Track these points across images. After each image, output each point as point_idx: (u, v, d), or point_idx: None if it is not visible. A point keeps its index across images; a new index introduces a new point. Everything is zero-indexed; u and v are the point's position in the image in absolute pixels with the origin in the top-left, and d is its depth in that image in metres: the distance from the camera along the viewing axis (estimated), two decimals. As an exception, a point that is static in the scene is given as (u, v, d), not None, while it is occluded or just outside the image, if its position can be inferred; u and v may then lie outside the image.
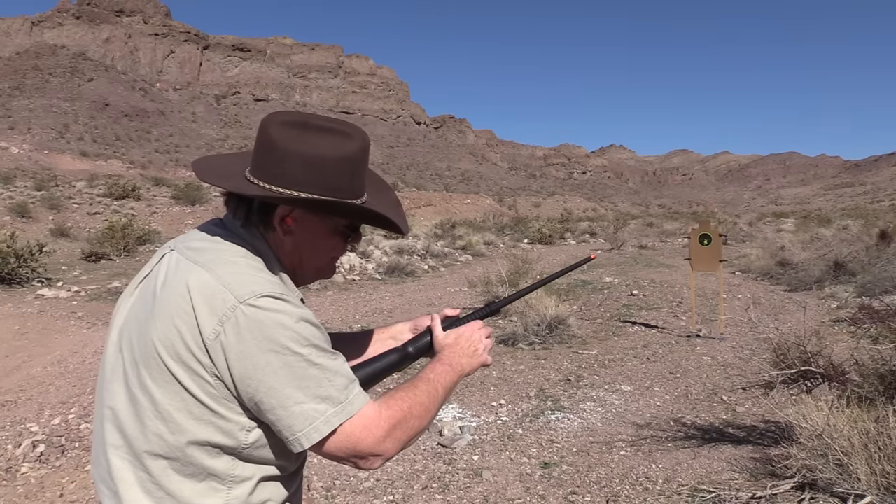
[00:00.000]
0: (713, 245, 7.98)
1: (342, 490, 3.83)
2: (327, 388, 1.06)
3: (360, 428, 1.08)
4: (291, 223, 1.16)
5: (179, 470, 1.07)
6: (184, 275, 1.09)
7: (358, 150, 1.16)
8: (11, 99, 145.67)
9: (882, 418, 3.14)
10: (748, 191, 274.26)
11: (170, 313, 1.06)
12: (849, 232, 21.14)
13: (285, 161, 1.12)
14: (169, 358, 1.05)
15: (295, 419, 1.04)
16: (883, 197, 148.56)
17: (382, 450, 1.09)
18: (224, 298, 1.04)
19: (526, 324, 7.68)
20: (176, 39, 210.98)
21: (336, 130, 1.15)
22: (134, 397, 1.08)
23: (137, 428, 1.08)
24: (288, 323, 1.04)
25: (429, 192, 57.76)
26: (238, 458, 1.09)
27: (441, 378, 1.23)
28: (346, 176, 1.15)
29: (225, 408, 1.06)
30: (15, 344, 7.67)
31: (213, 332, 1.03)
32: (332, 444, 1.07)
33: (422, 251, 18.71)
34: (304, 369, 1.04)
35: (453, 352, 1.32)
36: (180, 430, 1.06)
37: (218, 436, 1.07)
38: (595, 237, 33.80)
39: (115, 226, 17.02)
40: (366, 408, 1.09)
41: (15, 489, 3.91)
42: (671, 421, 4.99)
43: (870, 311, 4.13)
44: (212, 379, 1.05)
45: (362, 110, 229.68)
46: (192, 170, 1.23)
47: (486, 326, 1.40)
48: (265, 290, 1.06)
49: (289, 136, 1.12)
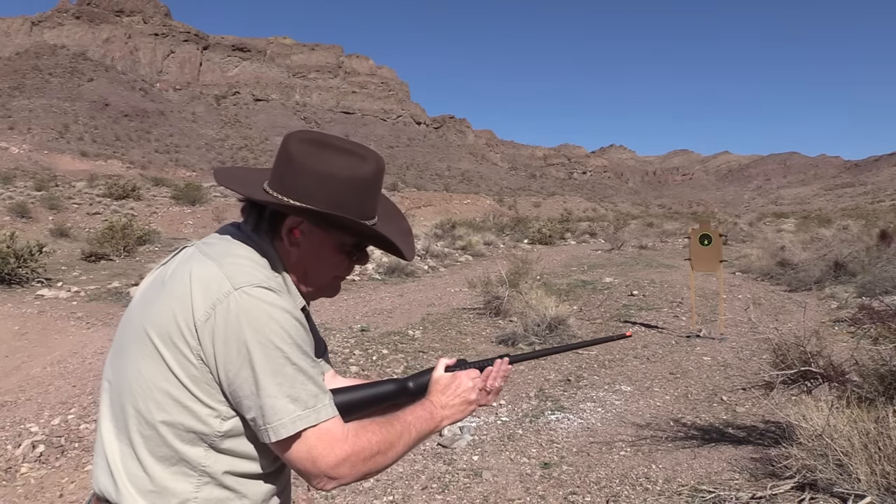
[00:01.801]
0: (713, 245, 7.98)
1: (342, 490, 3.83)
2: (299, 390, 1.07)
3: (323, 443, 1.08)
4: (299, 235, 1.19)
5: (153, 450, 1.10)
6: (191, 264, 1.14)
7: (371, 172, 1.20)
8: (11, 99, 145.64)
9: (882, 418, 3.14)
10: (748, 191, 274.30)
11: (170, 297, 1.11)
12: (849, 232, 21.16)
13: (300, 175, 1.16)
14: (157, 336, 1.09)
15: (266, 410, 1.06)
16: (883, 197, 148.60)
17: (338, 473, 1.09)
18: (221, 284, 1.08)
19: (526, 324, 7.68)
20: (176, 39, 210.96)
21: (352, 152, 1.20)
22: (125, 371, 1.13)
23: (124, 401, 1.12)
24: (276, 316, 1.07)
25: (429, 192, 57.74)
26: (212, 447, 1.11)
27: (418, 424, 1.23)
28: (357, 196, 1.19)
29: (205, 392, 1.08)
30: (15, 344, 7.66)
31: (204, 315, 1.06)
32: (294, 449, 1.08)
33: (422, 251, 18.71)
34: (282, 365, 1.06)
35: (440, 397, 1.31)
36: (158, 407, 1.08)
37: (192, 420, 1.09)
38: (595, 237, 33.82)
39: (114, 226, 17.01)
40: (334, 426, 1.10)
41: (15, 489, 3.91)
42: (671, 421, 4.99)
43: (870, 311, 4.12)
44: (196, 361, 1.07)
45: (362, 110, 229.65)
46: (213, 176, 1.28)
47: (488, 377, 1.38)
48: (262, 281, 1.09)
49: (307, 152, 1.17)
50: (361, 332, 8.39)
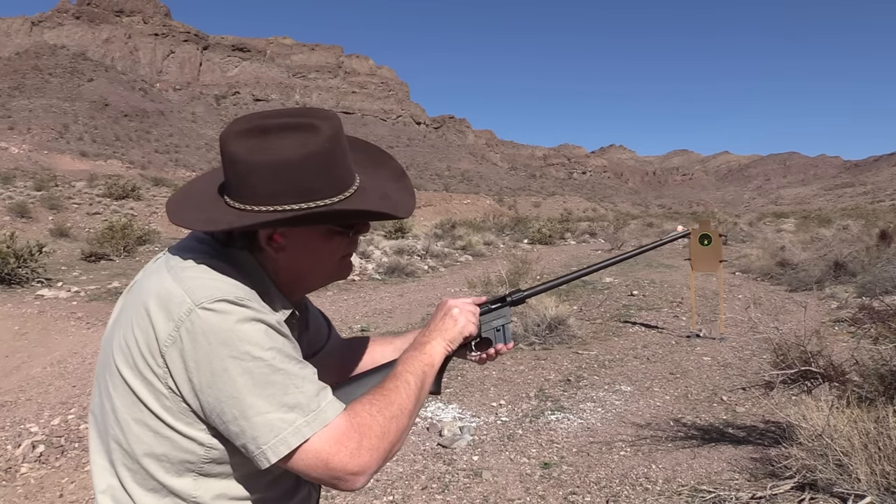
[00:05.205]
0: (713, 245, 7.98)
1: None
2: (295, 395, 0.96)
3: (330, 442, 0.96)
4: (280, 240, 1.07)
5: (141, 483, 1.02)
6: (151, 279, 1.04)
7: (326, 140, 1.03)
8: (11, 99, 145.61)
9: (882, 418, 3.14)
10: (748, 191, 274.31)
11: (129, 319, 1.01)
12: (849, 232, 21.14)
13: (251, 175, 1.01)
14: (125, 366, 1.00)
15: (259, 430, 0.94)
16: (883, 197, 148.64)
17: (361, 464, 0.97)
18: (181, 302, 0.96)
19: (526, 324, 7.67)
20: (176, 39, 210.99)
21: (298, 126, 1.02)
22: (102, 404, 1.05)
23: (107, 435, 1.05)
24: (246, 327, 0.96)
25: (429, 192, 57.75)
26: (201, 474, 1.02)
27: (410, 367, 1.12)
28: (322, 172, 1.03)
29: (182, 423, 0.99)
30: (15, 344, 7.66)
31: (169, 339, 0.96)
32: (303, 460, 0.96)
33: (422, 251, 18.71)
34: (267, 375, 0.95)
35: (427, 330, 1.21)
36: (137, 440, 1.00)
37: (174, 451, 1.00)
38: (595, 237, 33.81)
39: (114, 226, 17.01)
40: (339, 418, 0.98)
41: (14, 489, 3.91)
42: (671, 421, 4.99)
43: (870, 311, 4.12)
44: (167, 391, 0.97)
45: (362, 110, 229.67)
46: (168, 216, 1.11)
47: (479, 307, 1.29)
48: (225, 294, 0.97)
49: (248, 147, 1.01)
50: (361, 332, 8.39)
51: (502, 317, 1.35)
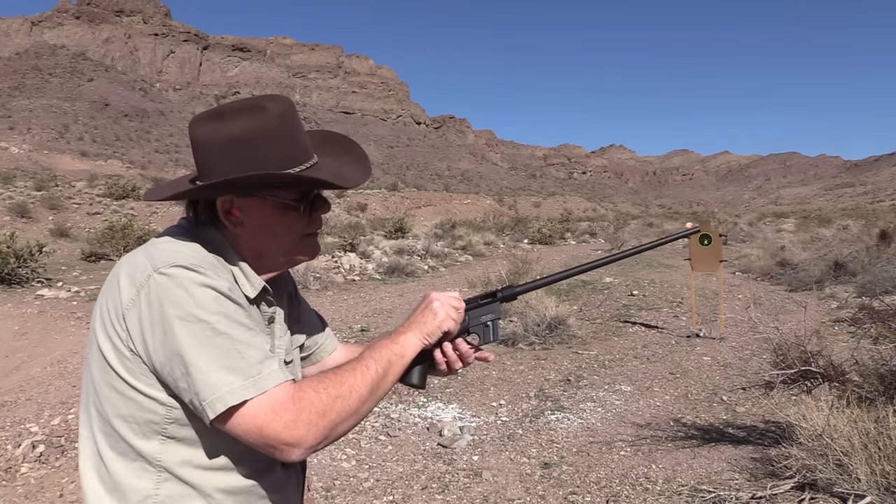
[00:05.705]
0: (713, 245, 7.98)
1: (342, 490, 3.83)
2: (236, 360, 1.00)
3: (266, 409, 0.99)
4: (238, 213, 1.15)
5: (112, 446, 1.08)
6: (125, 258, 1.13)
7: (276, 116, 1.12)
8: (11, 99, 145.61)
9: (882, 418, 3.14)
10: (748, 191, 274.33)
11: (105, 292, 1.10)
12: (849, 232, 21.15)
13: (210, 154, 1.12)
14: (101, 334, 1.07)
15: (199, 386, 0.99)
16: (883, 197, 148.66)
17: (296, 436, 0.99)
18: (143, 269, 1.04)
19: (526, 324, 7.67)
20: (176, 39, 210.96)
21: (249, 108, 1.12)
22: (86, 376, 1.14)
23: (88, 405, 1.12)
24: (196, 291, 1.02)
25: (429, 192, 57.77)
26: (166, 436, 1.07)
27: (376, 353, 1.14)
28: (271, 147, 1.12)
29: (143, 383, 1.05)
30: (15, 344, 7.66)
31: (130, 302, 1.03)
32: (239, 424, 1.00)
33: (422, 251, 18.72)
34: (210, 337, 1.00)
35: (406, 322, 1.24)
36: (109, 403, 1.07)
37: (139, 411, 1.06)
38: (595, 237, 33.82)
39: (114, 226, 17.01)
40: (281, 390, 1.01)
41: (15, 489, 3.91)
42: (671, 421, 4.99)
43: (870, 311, 4.12)
44: (128, 353, 1.04)
45: (362, 110, 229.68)
46: (144, 197, 1.24)
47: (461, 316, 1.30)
48: (180, 260, 1.04)
49: (208, 129, 1.12)
50: (361, 331, 8.40)
51: (491, 312, 1.32)
